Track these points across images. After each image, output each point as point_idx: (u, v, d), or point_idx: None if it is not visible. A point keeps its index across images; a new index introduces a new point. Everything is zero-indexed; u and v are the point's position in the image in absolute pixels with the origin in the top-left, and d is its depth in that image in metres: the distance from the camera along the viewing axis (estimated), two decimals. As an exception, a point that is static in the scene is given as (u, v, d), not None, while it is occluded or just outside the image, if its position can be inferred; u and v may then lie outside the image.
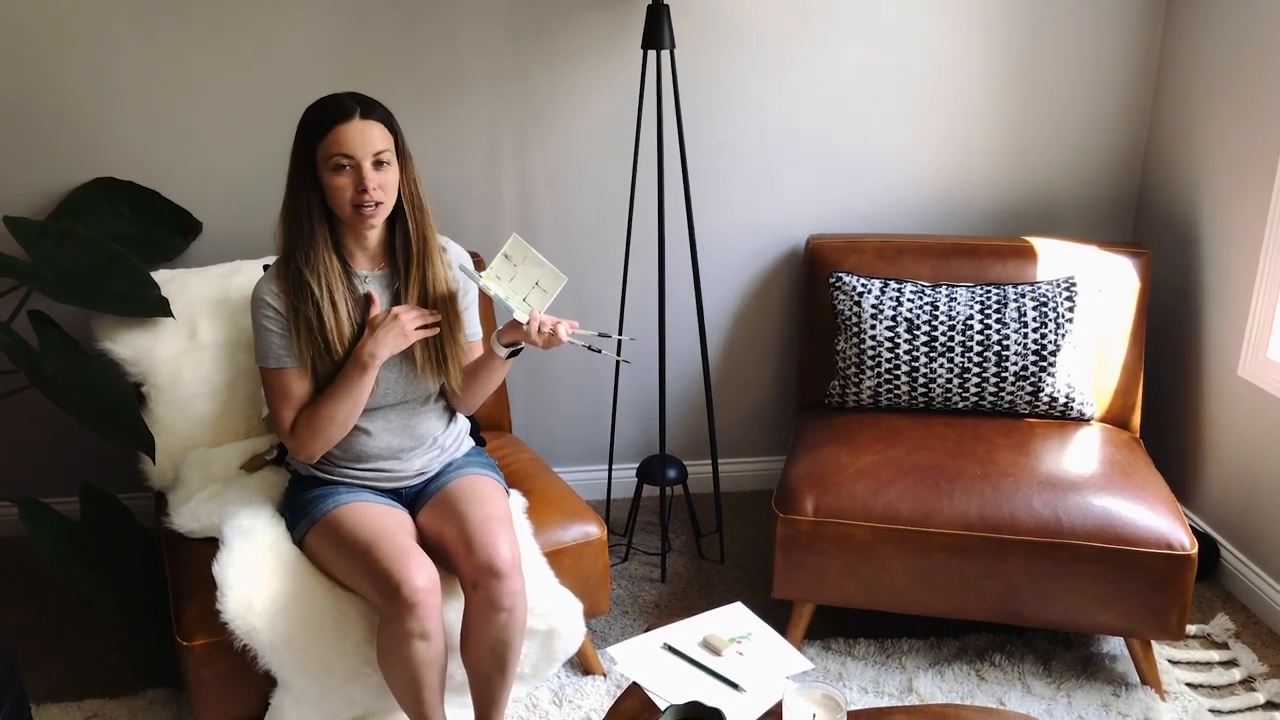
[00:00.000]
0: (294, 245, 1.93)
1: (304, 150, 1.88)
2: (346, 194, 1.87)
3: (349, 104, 1.87)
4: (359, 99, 1.89)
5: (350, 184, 1.86)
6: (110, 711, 2.28)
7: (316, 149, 1.86)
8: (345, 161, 1.85)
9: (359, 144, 1.85)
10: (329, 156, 1.85)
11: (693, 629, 1.85)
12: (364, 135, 1.85)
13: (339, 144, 1.84)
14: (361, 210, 1.87)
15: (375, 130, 1.87)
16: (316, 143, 1.86)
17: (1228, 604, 2.65)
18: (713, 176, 2.89)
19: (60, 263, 2.30)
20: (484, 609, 1.89)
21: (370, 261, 2.01)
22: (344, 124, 1.85)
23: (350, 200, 1.87)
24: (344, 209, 1.89)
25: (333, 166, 1.86)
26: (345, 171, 1.86)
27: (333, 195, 1.88)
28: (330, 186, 1.87)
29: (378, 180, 1.87)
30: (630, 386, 3.06)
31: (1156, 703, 2.29)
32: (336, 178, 1.86)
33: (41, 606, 2.66)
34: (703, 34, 2.75)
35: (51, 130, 2.61)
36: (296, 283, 1.93)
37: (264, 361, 1.98)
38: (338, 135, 1.84)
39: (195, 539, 2.13)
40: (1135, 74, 2.94)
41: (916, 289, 2.62)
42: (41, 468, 2.90)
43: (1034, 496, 2.26)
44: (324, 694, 1.95)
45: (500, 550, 1.88)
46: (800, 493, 2.33)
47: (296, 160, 1.90)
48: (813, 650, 2.46)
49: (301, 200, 1.91)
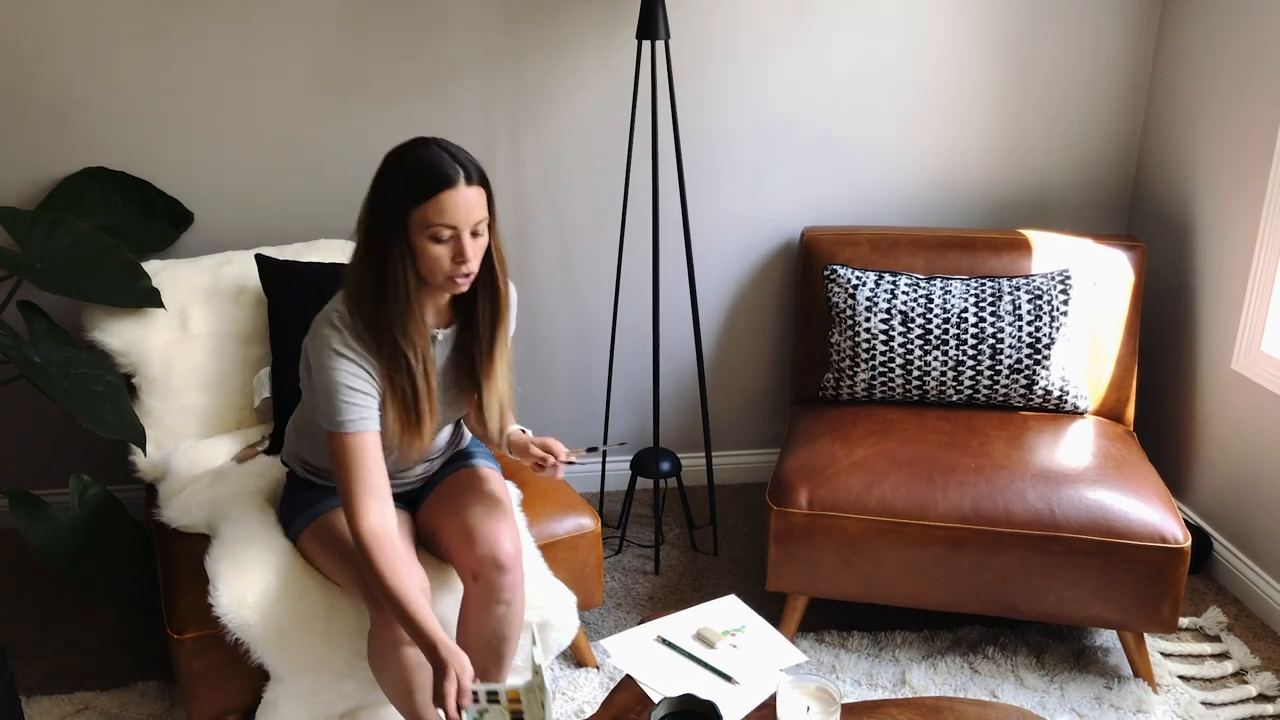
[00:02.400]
0: (385, 308, 1.75)
1: (398, 209, 1.70)
2: (444, 263, 1.72)
3: (453, 169, 1.69)
4: (461, 160, 1.71)
5: (448, 253, 1.71)
6: (101, 703, 2.28)
7: (413, 211, 1.69)
8: (447, 232, 1.70)
9: (463, 214, 1.70)
10: (429, 224, 1.69)
11: (686, 621, 1.85)
12: (469, 204, 1.70)
13: (442, 213, 1.68)
14: (455, 280, 1.74)
15: (478, 197, 1.72)
16: (415, 205, 1.69)
17: (1220, 597, 2.66)
18: (707, 168, 2.89)
19: (50, 253, 2.29)
20: (483, 601, 1.88)
21: (438, 318, 1.88)
22: (449, 191, 1.68)
23: (446, 270, 1.73)
24: (435, 276, 1.74)
25: (431, 235, 1.70)
26: (445, 241, 1.71)
27: (426, 262, 1.72)
28: (425, 253, 1.71)
29: (475, 249, 1.73)
30: (624, 379, 3.05)
31: (1149, 695, 2.30)
32: (434, 246, 1.71)
33: (32, 599, 2.65)
34: (698, 24, 2.74)
35: (42, 119, 2.59)
36: (392, 351, 1.77)
37: (338, 426, 1.75)
38: (442, 204, 1.68)
39: (187, 531, 2.12)
40: (1130, 67, 2.94)
41: (911, 282, 2.62)
42: (31, 459, 2.89)
43: (1028, 489, 2.26)
44: (316, 688, 1.94)
45: (504, 543, 1.88)
46: (794, 485, 2.33)
47: (387, 218, 1.71)
48: (806, 643, 2.46)
49: (395, 264, 1.72)
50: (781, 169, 2.92)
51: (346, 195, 2.76)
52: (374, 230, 1.73)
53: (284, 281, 2.40)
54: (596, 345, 3.01)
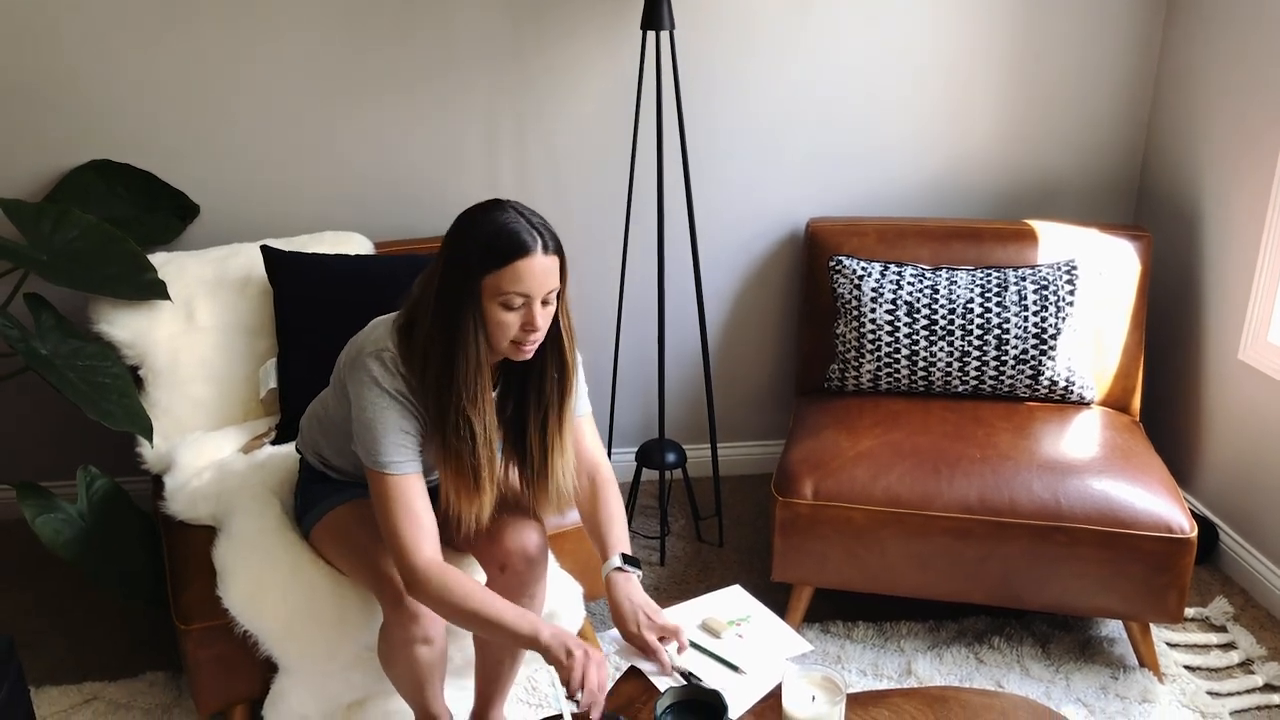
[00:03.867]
0: (456, 378, 1.67)
1: (473, 274, 1.64)
2: (511, 331, 1.66)
3: (531, 237, 1.63)
4: (537, 227, 1.65)
5: (518, 321, 1.66)
6: (110, 693, 2.29)
7: (487, 278, 1.63)
8: (520, 300, 1.64)
9: (538, 283, 1.64)
10: (502, 292, 1.63)
11: (692, 612, 1.85)
12: (545, 273, 1.64)
13: (518, 282, 1.62)
14: (522, 348, 1.69)
15: (554, 265, 1.66)
16: (489, 272, 1.62)
17: (1226, 587, 2.66)
18: (712, 158, 2.88)
19: (56, 245, 2.29)
20: (508, 593, 1.87)
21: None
22: (525, 260, 1.62)
23: (513, 338, 1.67)
24: (502, 343, 1.68)
25: (503, 303, 1.64)
26: (516, 309, 1.65)
27: (494, 329, 1.66)
28: (494, 320, 1.65)
29: (545, 317, 1.68)
30: (629, 370, 3.05)
31: (1154, 685, 2.30)
32: (505, 314, 1.65)
33: (40, 590, 2.66)
34: (702, 14, 2.74)
35: (48, 112, 2.59)
36: (456, 420, 1.69)
37: (381, 467, 1.70)
38: (518, 272, 1.62)
39: (193, 523, 2.13)
40: (1137, 56, 2.93)
41: (917, 272, 2.62)
42: (38, 451, 2.90)
43: (1034, 480, 2.25)
44: (325, 679, 1.95)
45: (533, 536, 1.88)
46: (800, 476, 2.33)
47: (460, 281, 1.65)
48: (811, 633, 2.47)
49: (467, 329, 1.66)
50: (787, 159, 2.91)
51: (351, 187, 2.76)
52: (446, 291, 1.66)
53: (290, 273, 2.41)
54: (601, 337, 3.01)
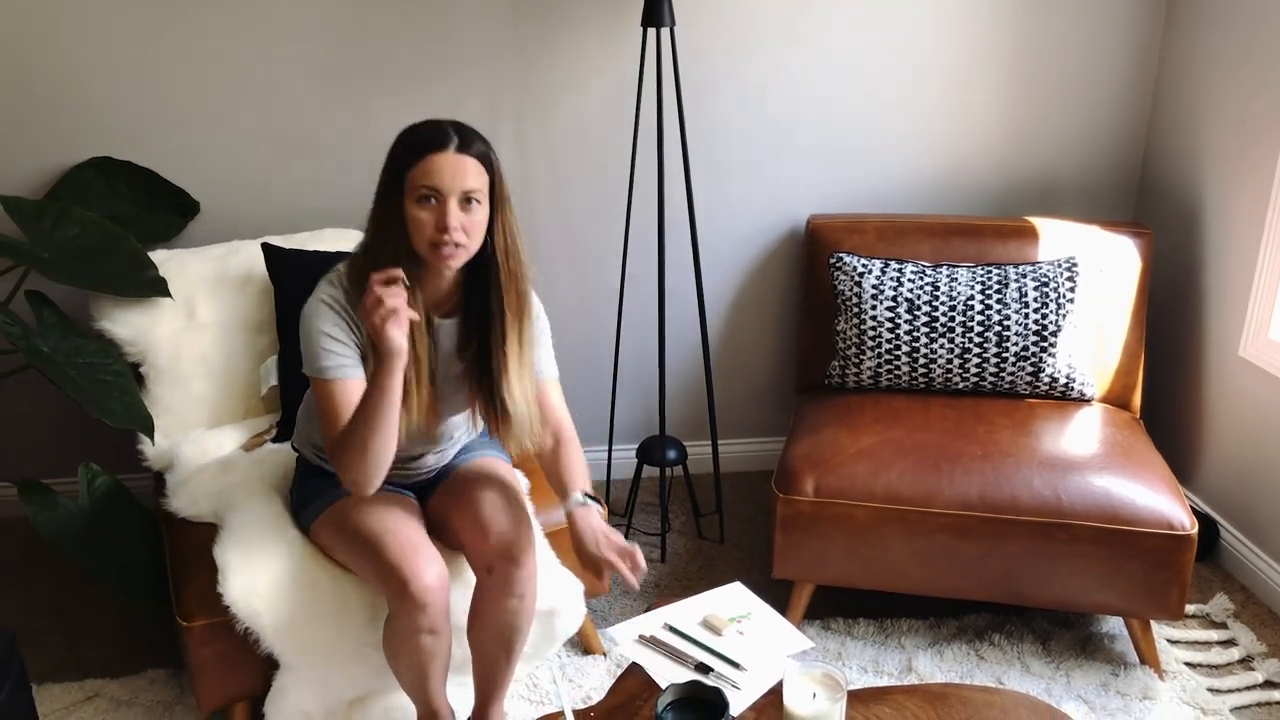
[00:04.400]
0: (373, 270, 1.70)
1: (393, 175, 1.73)
2: (426, 229, 1.71)
3: (447, 132, 1.71)
4: (459, 128, 1.73)
5: (432, 220, 1.70)
6: (111, 691, 2.29)
7: (407, 175, 1.71)
8: (430, 194, 1.69)
9: (448, 177, 1.69)
10: (416, 186, 1.70)
11: (693, 609, 1.85)
12: (456, 168, 1.69)
13: (428, 175, 1.69)
14: (439, 250, 1.71)
15: (469, 165, 1.71)
16: (407, 170, 1.71)
17: (1227, 584, 2.66)
18: (713, 155, 2.88)
19: (57, 243, 2.29)
20: (497, 594, 1.88)
21: (438, 306, 1.84)
22: (437, 154, 1.69)
23: (429, 238, 1.71)
24: (422, 244, 1.73)
25: (418, 198, 1.70)
26: (429, 205, 1.70)
27: (413, 228, 1.72)
28: (411, 218, 1.71)
29: (462, 219, 1.70)
30: (630, 367, 3.05)
31: (1155, 682, 2.30)
32: (419, 210, 1.70)
33: (41, 587, 2.67)
34: (703, 11, 2.73)
35: (49, 109, 2.59)
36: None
37: (316, 372, 1.77)
38: (428, 165, 1.69)
39: (195, 520, 2.13)
40: (1138, 53, 2.92)
41: (917, 269, 2.62)
42: (40, 448, 2.90)
43: (1034, 477, 2.26)
44: (326, 675, 1.95)
45: (519, 536, 1.87)
46: (800, 473, 2.33)
47: (385, 183, 1.75)
48: (812, 630, 2.47)
49: (385, 227, 1.75)
50: (787, 156, 2.91)
51: (352, 184, 2.76)
52: (378, 197, 1.77)
53: (290, 270, 2.41)
54: (602, 333, 3.01)
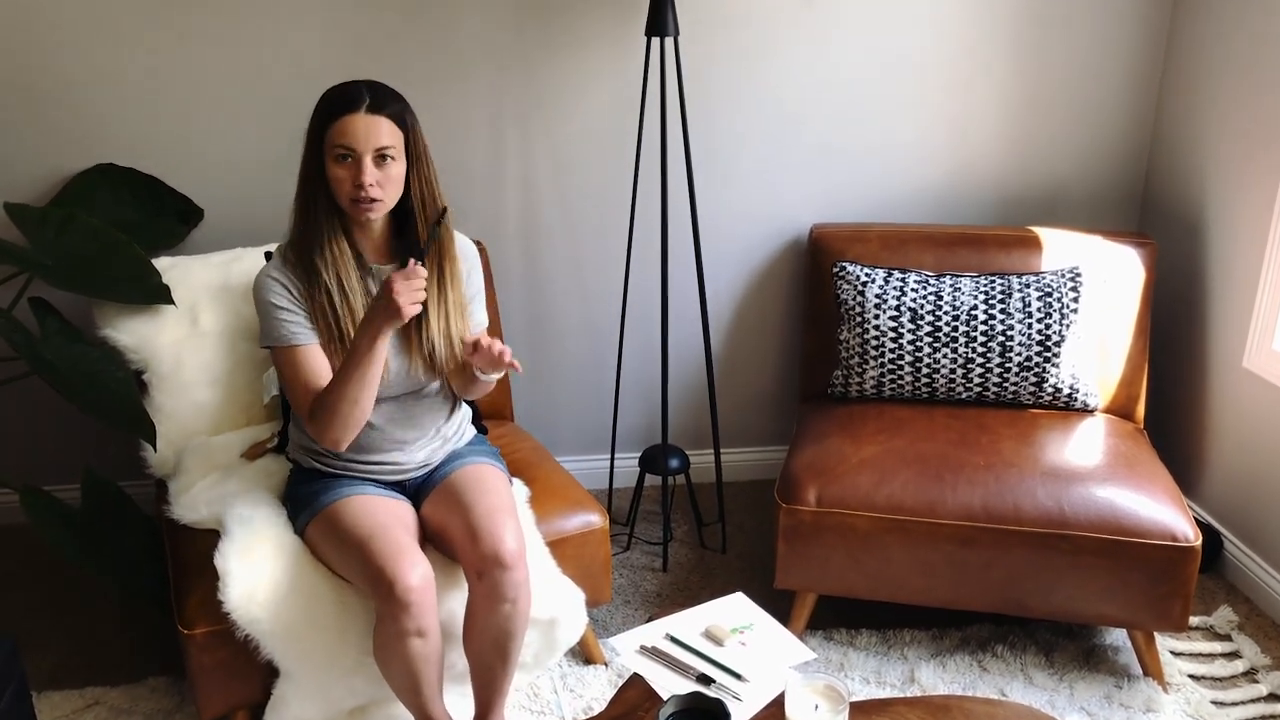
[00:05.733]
0: (304, 231, 1.91)
1: (314, 136, 1.86)
2: (345, 186, 1.84)
3: (359, 93, 1.83)
4: (373, 89, 1.85)
5: (349, 176, 1.83)
6: (112, 699, 2.29)
7: (324, 136, 1.84)
8: (346, 153, 1.82)
9: (362, 137, 1.81)
10: (332, 145, 1.83)
11: (695, 619, 1.85)
12: (368, 128, 1.81)
13: (342, 134, 1.81)
14: (358, 204, 1.84)
15: (382, 125, 1.83)
16: (324, 130, 1.83)
17: (1231, 596, 2.65)
18: (716, 164, 2.88)
19: (61, 250, 2.30)
20: (488, 600, 1.88)
21: (377, 254, 1.97)
22: (350, 115, 1.81)
23: (347, 193, 1.84)
24: (342, 200, 1.86)
25: (335, 156, 1.83)
26: (346, 163, 1.83)
27: (333, 185, 1.86)
28: (331, 176, 1.85)
29: (376, 176, 1.83)
30: (633, 376, 3.05)
31: (1159, 694, 2.29)
32: (337, 168, 1.83)
33: (43, 594, 2.66)
34: (707, 21, 2.74)
35: (53, 116, 2.60)
36: (309, 270, 1.91)
37: (275, 341, 1.91)
38: (343, 125, 1.81)
39: (197, 527, 2.13)
40: (1142, 63, 2.92)
41: (920, 279, 2.61)
42: (42, 455, 2.90)
43: (1037, 487, 2.25)
44: (326, 684, 1.95)
45: (506, 541, 1.88)
46: (803, 483, 2.32)
47: (308, 145, 1.87)
48: (814, 641, 2.46)
49: (310, 186, 1.89)
50: (790, 165, 2.91)
51: (356, 192, 2.76)
52: (303, 159, 1.88)
53: (293, 278, 2.41)
54: (605, 341, 3.01)
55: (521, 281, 2.92)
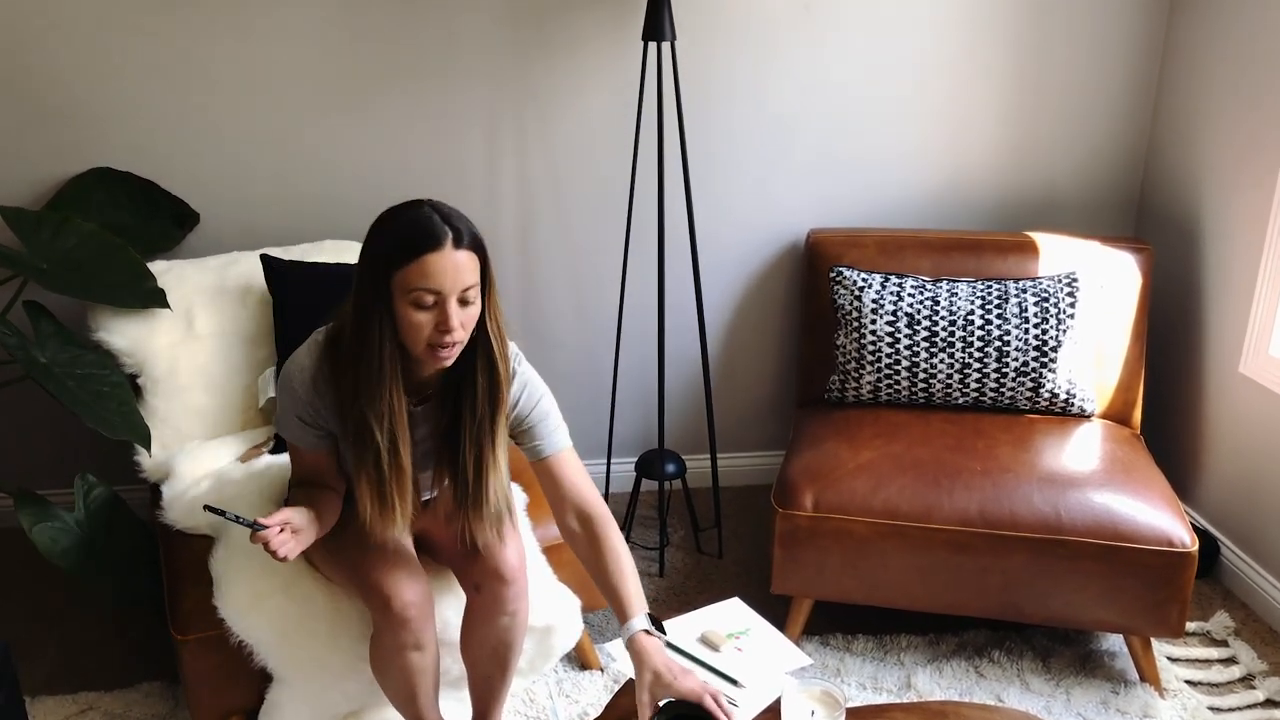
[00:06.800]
0: (360, 382, 1.64)
1: (382, 272, 1.58)
2: (425, 331, 1.59)
3: (440, 229, 1.57)
4: (450, 220, 1.59)
5: (431, 321, 1.58)
6: (105, 704, 2.28)
7: (396, 275, 1.57)
8: (431, 298, 1.58)
9: (449, 280, 1.57)
10: (411, 289, 1.57)
11: (691, 624, 1.84)
12: (455, 269, 1.57)
13: (425, 277, 1.56)
14: (438, 351, 1.61)
15: (467, 263, 1.58)
16: (398, 269, 1.57)
17: (1227, 601, 2.65)
18: (713, 169, 2.88)
19: (56, 253, 2.29)
20: (487, 612, 1.87)
21: (416, 394, 1.76)
22: (435, 253, 1.56)
23: (428, 339, 1.60)
24: (418, 346, 1.62)
25: (413, 301, 1.58)
26: (428, 307, 1.58)
27: (408, 331, 1.60)
28: (407, 321, 1.59)
29: (462, 318, 1.60)
30: (629, 380, 3.05)
31: (1155, 700, 2.29)
32: (416, 313, 1.58)
33: (36, 598, 2.65)
34: (704, 26, 2.74)
35: (48, 119, 2.59)
36: (358, 426, 1.67)
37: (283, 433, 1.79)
38: (425, 267, 1.55)
39: (191, 532, 2.12)
40: (1138, 69, 2.93)
41: (917, 284, 2.61)
42: (37, 459, 2.89)
43: (1034, 493, 2.25)
44: (320, 689, 1.94)
45: (507, 555, 1.86)
46: (800, 488, 2.32)
47: (370, 280, 1.60)
48: (811, 646, 2.46)
49: (373, 330, 1.61)
50: (787, 170, 2.91)
51: (352, 196, 2.76)
52: (359, 291, 1.63)
53: (290, 282, 2.40)
54: (602, 347, 3.01)
55: (518, 286, 2.91)
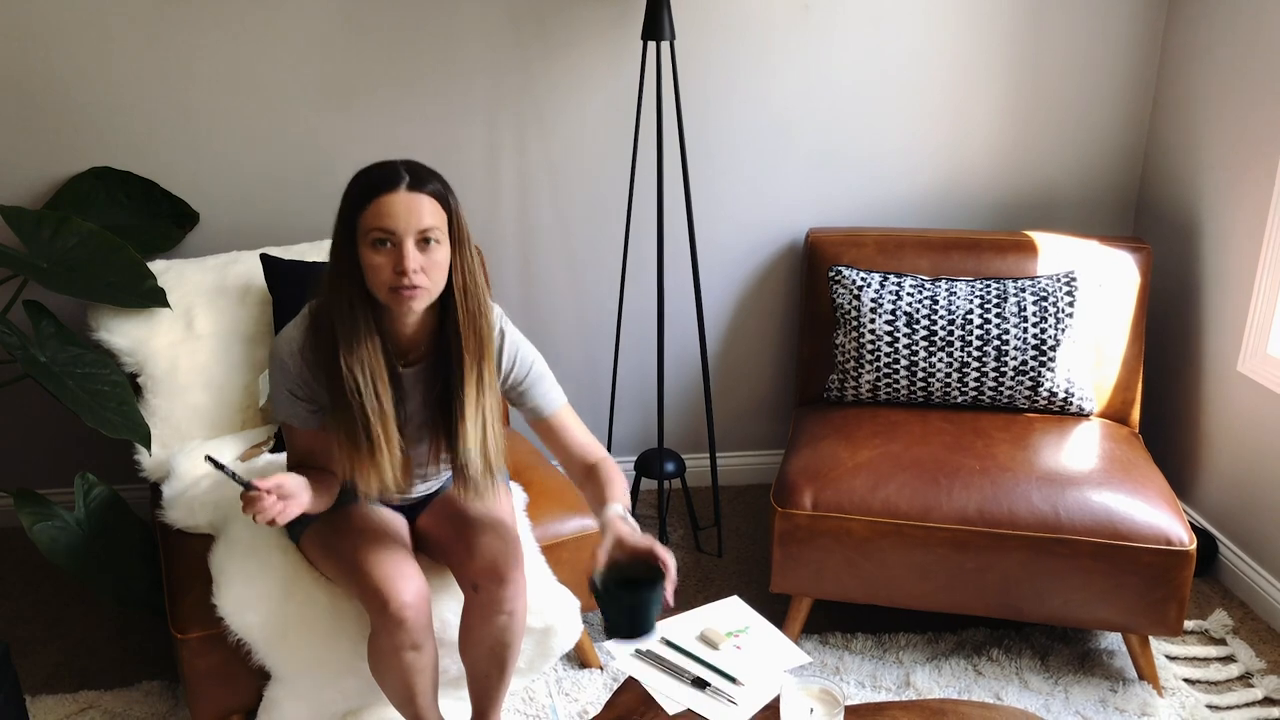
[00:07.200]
0: (338, 331, 1.70)
1: (346, 220, 1.66)
2: (384, 274, 1.64)
3: (397, 171, 1.65)
4: (411, 167, 1.66)
5: (389, 263, 1.63)
6: (105, 703, 2.28)
7: (359, 220, 1.64)
8: (385, 237, 1.62)
9: (403, 220, 1.62)
10: (368, 230, 1.63)
11: (690, 623, 1.85)
12: (409, 209, 1.62)
13: (380, 216, 1.62)
14: (399, 292, 1.64)
15: (424, 204, 1.64)
16: (358, 213, 1.64)
17: (1226, 600, 2.65)
18: (712, 169, 2.89)
19: (56, 252, 2.29)
20: (485, 611, 1.88)
21: (406, 353, 1.80)
22: (389, 194, 1.62)
23: (387, 281, 1.64)
24: (380, 290, 1.66)
25: (372, 241, 1.63)
26: (385, 249, 1.63)
27: (370, 274, 1.66)
28: (367, 264, 1.65)
29: (421, 261, 1.64)
30: (629, 380, 3.05)
31: (1154, 698, 2.29)
32: (374, 255, 1.64)
33: (36, 597, 2.66)
34: (703, 25, 2.74)
35: (48, 118, 2.60)
36: (326, 355, 1.72)
37: (277, 414, 1.82)
38: (380, 206, 1.62)
39: (191, 531, 2.12)
40: (1137, 68, 2.93)
41: (916, 283, 2.62)
42: (37, 458, 2.90)
43: (1033, 491, 2.25)
44: (318, 688, 1.95)
45: (505, 555, 1.86)
46: (799, 487, 2.32)
47: (339, 229, 1.68)
48: (810, 644, 2.46)
49: (342, 274, 1.68)
50: (787, 170, 2.92)
51: (351, 195, 2.76)
52: (332, 246, 1.70)
53: (289, 282, 2.40)
54: (601, 346, 3.01)
55: (517, 285, 2.92)
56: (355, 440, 1.74)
